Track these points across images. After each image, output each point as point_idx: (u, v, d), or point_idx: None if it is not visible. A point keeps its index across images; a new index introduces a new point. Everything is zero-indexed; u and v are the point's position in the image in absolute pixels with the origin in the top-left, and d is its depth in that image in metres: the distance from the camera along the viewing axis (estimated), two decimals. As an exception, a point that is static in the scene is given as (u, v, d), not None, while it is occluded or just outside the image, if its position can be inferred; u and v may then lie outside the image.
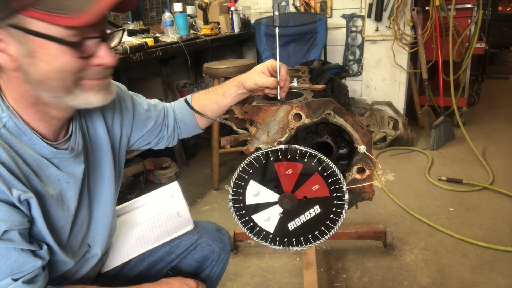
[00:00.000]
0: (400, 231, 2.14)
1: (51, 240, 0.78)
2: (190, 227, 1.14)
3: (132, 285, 0.90)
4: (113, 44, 0.79)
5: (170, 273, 1.07)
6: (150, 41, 2.41)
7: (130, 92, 1.08)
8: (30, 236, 0.75)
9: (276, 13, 0.96)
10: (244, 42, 3.89)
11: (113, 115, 0.98)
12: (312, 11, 3.55)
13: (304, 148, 0.89)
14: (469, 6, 3.44)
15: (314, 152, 0.89)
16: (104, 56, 0.74)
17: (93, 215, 0.91)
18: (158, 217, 1.22)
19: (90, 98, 0.76)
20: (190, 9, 3.38)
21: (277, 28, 0.98)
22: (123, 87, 1.06)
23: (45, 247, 0.76)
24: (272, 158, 0.91)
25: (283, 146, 0.90)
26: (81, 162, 0.85)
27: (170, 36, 2.80)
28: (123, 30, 0.82)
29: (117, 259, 1.08)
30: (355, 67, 3.63)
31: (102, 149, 0.93)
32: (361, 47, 3.55)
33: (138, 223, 1.22)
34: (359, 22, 3.50)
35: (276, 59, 1.01)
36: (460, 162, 2.99)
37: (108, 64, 0.74)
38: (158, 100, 1.16)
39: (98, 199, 0.92)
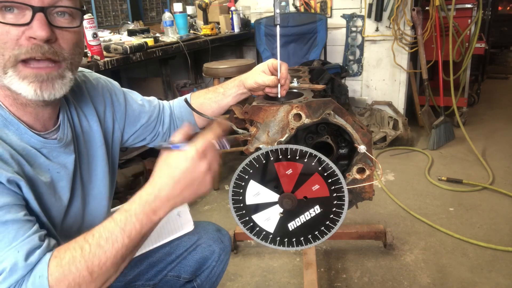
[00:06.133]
0: (400, 231, 2.14)
1: (47, 222, 0.75)
2: (190, 228, 1.14)
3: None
4: (60, 23, 0.73)
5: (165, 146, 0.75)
6: (150, 41, 2.42)
7: (123, 88, 1.07)
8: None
9: (277, 10, 0.97)
10: (244, 42, 3.89)
11: (105, 108, 0.98)
12: (312, 11, 3.55)
13: (304, 148, 0.89)
14: (469, 6, 3.44)
15: (314, 152, 0.89)
16: (35, 28, 0.68)
17: (87, 207, 0.90)
18: None
19: (21, 87, 0.71)
20: (190, 9, 3.38)
21: (278, 26, 0.99)
22: (115, 83, 1.05)
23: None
24: (272, 158, 0.91)
25: (283, 146, 0.90)
26: (71, 152, 0.84)
27: (170, 36, 2.80)
28: (82, 11, 0.76)
29: None
30: (355, 67, 3.63)
31: (95, 142, 0.93)
32: (361, 47, 3.55)
33: None
34: (359, 22, 3.50)
35: (276, 59, 1.01)
36: (460, 162, 2.99)
37: (37, 36, 0.68)
38: (154, 98, 1.16)
39: (92, 192, 0.91)
